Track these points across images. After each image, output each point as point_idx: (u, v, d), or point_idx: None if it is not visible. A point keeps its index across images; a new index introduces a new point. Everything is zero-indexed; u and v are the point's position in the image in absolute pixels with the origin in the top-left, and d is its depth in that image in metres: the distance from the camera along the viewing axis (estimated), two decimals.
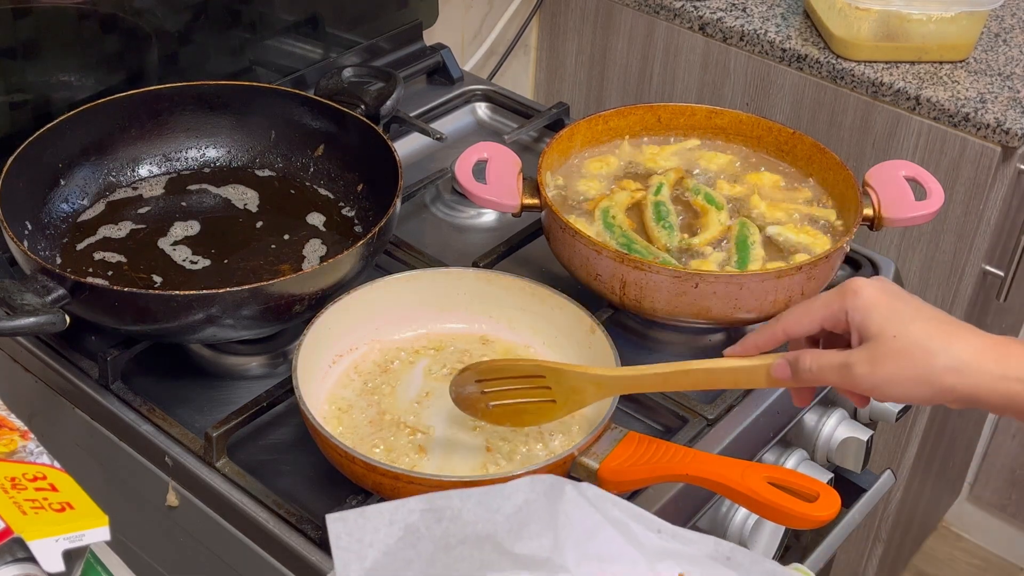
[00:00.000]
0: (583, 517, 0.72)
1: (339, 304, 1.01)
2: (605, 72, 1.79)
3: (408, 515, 0.70)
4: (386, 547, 0.68)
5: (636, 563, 0.72)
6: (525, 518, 0.71)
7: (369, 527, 0.69)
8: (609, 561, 0.72)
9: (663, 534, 0.75)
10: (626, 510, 0.75)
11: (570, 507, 0.72)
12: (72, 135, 1.15)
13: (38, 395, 1.10)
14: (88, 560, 0.74)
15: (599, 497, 0.74)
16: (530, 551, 0.70)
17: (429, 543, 0.69)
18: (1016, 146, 1.44)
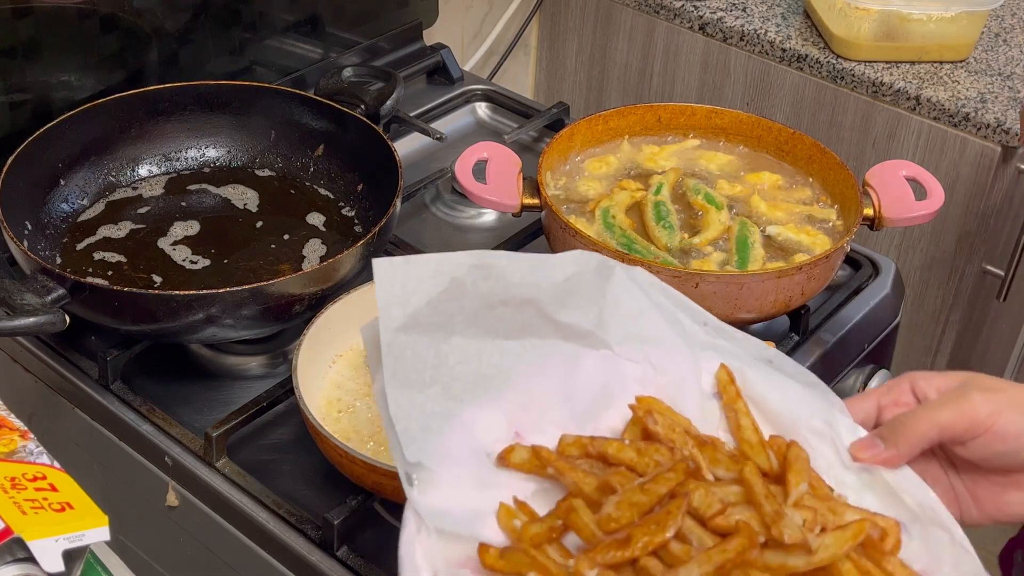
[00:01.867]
0: (630, 299, 0.70)
1: (339, 304, 1.01)
2: (605, 72, 1.79)
3: (455, 268, 0.67)
4: (429, 296, 0.65)
5: (679, 349, 0.71)
6: (572, 288, 0.69)
7: (414, 274, 0.66)
8: (652, 343, 0.70)
9: (708, 327, 0.73)
10: (674, 299, 0.72)
11: (618, 288, 0.70)
12: (72, 135, 1.15)
13: (38, 395, 1.10)
14: (88, 560, 0.74)
15: (649, 283, 0.72)
16: (573, 321, 0.68)
17: (473, 298, 0.66)
18: (1016, 146, 1.44)
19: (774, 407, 0.72)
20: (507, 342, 0.66)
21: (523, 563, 0.61)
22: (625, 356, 0.69)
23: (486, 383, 0.65)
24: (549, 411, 0.67)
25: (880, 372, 1.18)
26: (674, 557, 0.62)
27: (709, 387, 0.72)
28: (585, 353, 0.68)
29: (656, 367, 0.70)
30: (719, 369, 0.72)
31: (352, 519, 0.91)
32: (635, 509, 0.63)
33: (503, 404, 0.65)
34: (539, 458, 0.65)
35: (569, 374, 0.68)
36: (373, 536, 0.94)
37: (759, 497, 0.65)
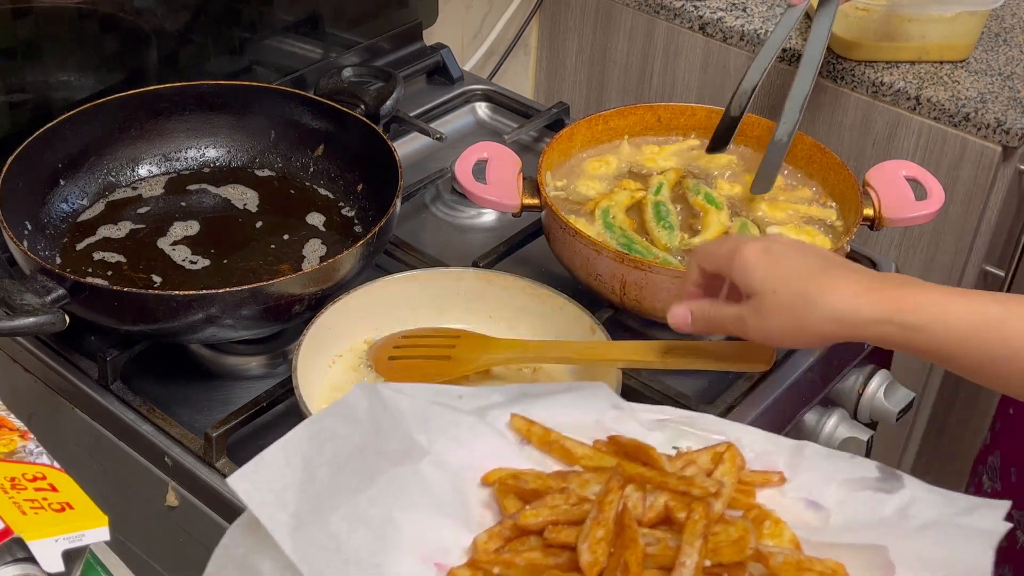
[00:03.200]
0: (405, 406, 0.77)
1: (339, 304, 1.01)
2: (605, 72, 1.79)
3: (299, 448, 0.72)
4: (295, 485, 0.70)
5: (470, 424, 0.77)
6: (374, 420, 0.75)
7: (274, 473, 0.70)
8: (448, 430, 0.76)
9: (464, 398, 0.80)
10: (425, 391, 0.80)
11: (393, 404, 0.77)
12: (72, 135, 1.15)
13: (38, 395, 1.10)
14: (88, 560, 0.74)
15: (402, 389, 0.79)
16: (393, 447, 0.74)
17: (323, 469, 0.71)
18: (1016, 146, 1.44)
19: (568, 422, 0.79)
20: (368, 491, 0.70)
21: None
22: (443, 452, 0.74)
23: (381, 539, 0.69)
24: (440, 531, 0.71)
25: (880, 372, 1.18)
26: (656, 558, 0.67)
27: (516, 443, 0.77)
28: (420, 468, 0.73)
29: (470, 448, 0.76)
30: (511, 419, 0.78)
31: None
32: (602, 543, 0.68)
33: (407, 548, 0.69)
34: (480, 568, 0.69)
35: (425, 491, 0.72)
36: None
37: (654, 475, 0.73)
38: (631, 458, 0.76)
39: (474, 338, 1.00)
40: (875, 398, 1.18)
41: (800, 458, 0.79)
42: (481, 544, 0.70)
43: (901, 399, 1.18)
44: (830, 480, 0.77)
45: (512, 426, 0.78)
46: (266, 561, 0.68)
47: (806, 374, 1.11)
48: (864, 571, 0.70)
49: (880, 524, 0.74)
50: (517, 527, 0.71)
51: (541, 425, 0.78)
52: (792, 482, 0.77)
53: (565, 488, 0.73)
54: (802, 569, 0.69)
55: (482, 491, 0.74)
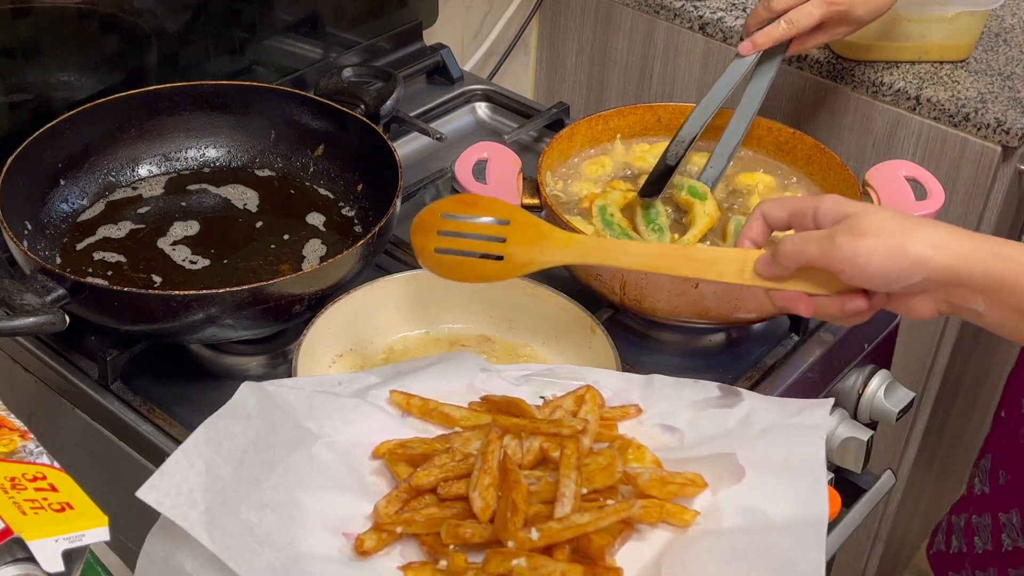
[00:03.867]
0: (294, 399, 0.84)
1: (339, 304, 1.01)
2: (605, 72, 1.79)
3: (197, 449, 0.77)
4: (201, 485, 0.75)
5: (356, 405, 0.84)
6: (266, 415, 0.82)
7: (179, 478, 0.75)
8: (338, 413, 0.83)
9: (343, 384, 0.88)
10: (307, 383, 0.87)
11: (279, 398, 0.83)
12: (72, 135, 1.15)
13: (38, 395, 1.10)
14: (88, 560, 0.74)
15: (284, 383, 0.86)
16: (286, 437, 0.80)
17: (225, 466, 0.77)
18: (1016, 146, 1.44)
19: (443, 390, 0.87)
20: (269, 480, 0.77)
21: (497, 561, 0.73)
22: (333, 433, 0.82)
23: (288, 519, 0.75)
24: (341, 504, 0.78)
25: (880, 372, 1.18)
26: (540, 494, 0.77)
27: (398, 416, 0.85)
28: (314, 451, 0.80)
29: (356, 426, 0.83)
30: (391, 396, 0.86)
31: None
32: (491, 489, 0.76)
33: (313, 523, 0.76)
34: (384, 529, 0.76)
35: (321, 471, 0.79)
36: None
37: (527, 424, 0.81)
38: (505, 412, 0.83)
39: (526, 229, 0.90)
40: (875, 398, 1.18)
41: (651, 390, 0.89)
42: (382, 509, 0.78)
43: (901, 399, 1.18)
44: (679, 405, 0.88)
45: (392, 401, 0.85)
46: (187, 559, 0.74)
47: (806, 374, 1.11)
48: (718, 478, 0.81)
49: (727, 435, 0.84)
50: (412, 488, 0.78)
51: (419, 396, 0.85)
52: (647, 412, 0.87)
53: (450, 448, 0.81)
54: (665, 483, 0.79)
55: (373, 463, 0.82)
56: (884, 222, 0.77)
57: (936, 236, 0.76)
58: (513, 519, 0.73)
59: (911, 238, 0.76)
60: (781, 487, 0.79)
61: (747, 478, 0.79)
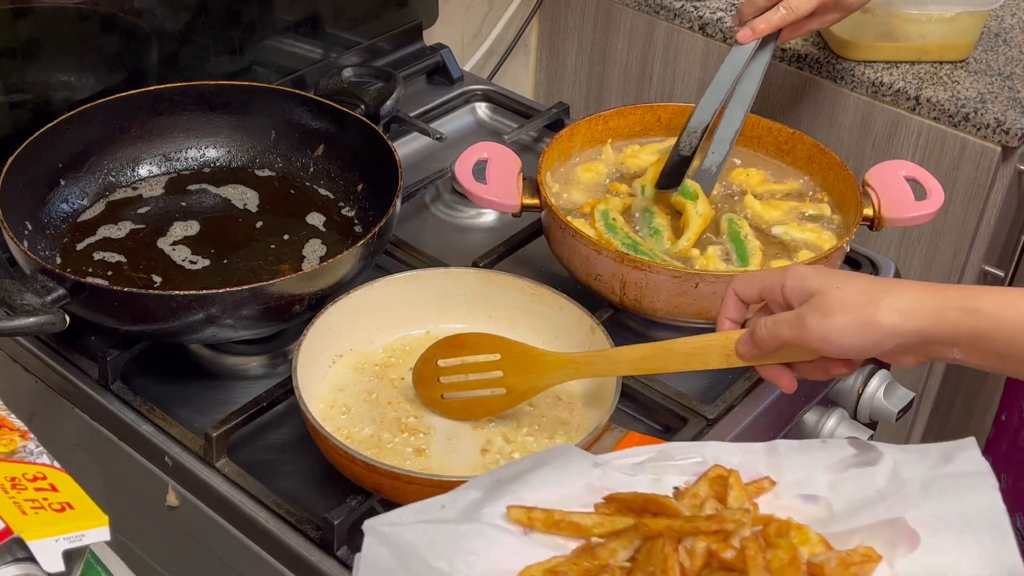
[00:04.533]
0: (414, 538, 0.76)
1: (339, 304, 1.01)
2: (605, 72, 1.79)
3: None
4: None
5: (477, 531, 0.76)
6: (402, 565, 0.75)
7: None
8: (462, 544, 0.76)
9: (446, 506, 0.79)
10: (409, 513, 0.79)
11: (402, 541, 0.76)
12: (72, 135, 1.15)
13: (38, 395, 1.10)
14: (88, 560, 0.74)
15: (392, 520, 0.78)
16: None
17: None
18: (1016, 146, 1.44)
19: (560, 497, 0.78)
20: None
21: None
22: (467, 570, 0.74)
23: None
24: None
25: (880, 372, 1.18)
26: None
27: (519, 533, 0.77)
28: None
29: (487, 555, 0.75)
30: (508, 512, 0.77)
31: (352, 519, 0.91)
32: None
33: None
34: None
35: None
36: None
37: (683, 523, 0.73)
38: (642, 512, 0.76)
39: (517, 359, 0.96)
40: (875, 398, 1.18)
41: (778, 458, 0.80)
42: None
43: (901, 399, 1.18)
44: (814, 470, 0.79)
45: (511, 518, 0.77)
46: None
47: None
48: (890, 547, 0.72)
49: (883, 498, 0.75)
50: None
51: (540, 508, 0.77)
52: (781, 483, 0.79)
53: (605, 567, 0.73)
54: (847, 565, 0.71)
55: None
56: (849, 296, 0.78)
57: (902, 302, 0.77)
58: None
59: (879, 309, 0.77)
60: (964, 547, 0.72)
61: (924, 542, 0.72)
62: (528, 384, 0.96)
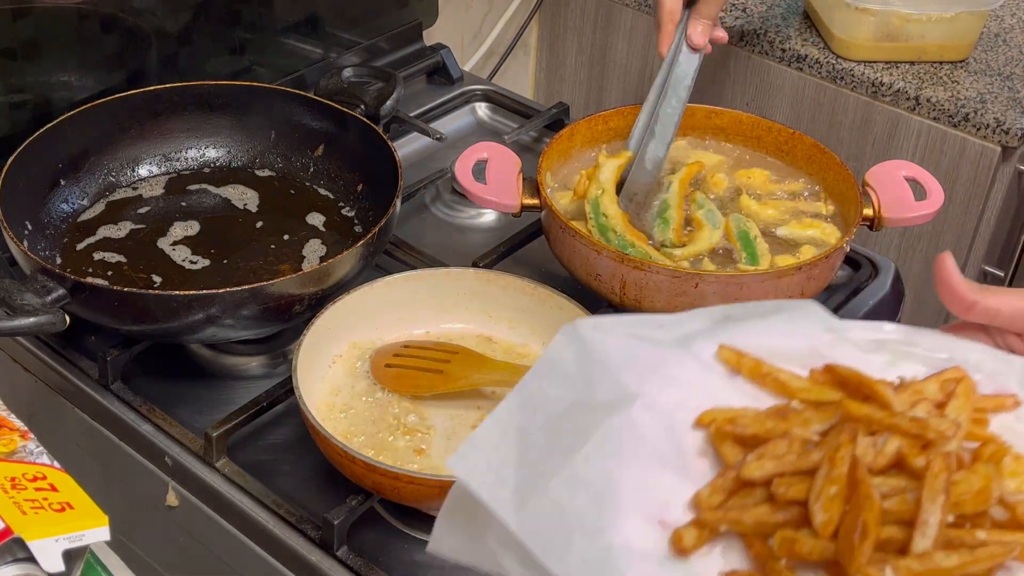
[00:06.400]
0: (610, 347, 0.73)
1: (339, 304, 1.01)
2: (605, 72, 1.79)
3: (512, 419, 0.69)
4: (513, 460, 0.68)
5: (679, 359, 0.74)
6: (581, 371, 0.72)
7: (490, 450, 0.68)
8: (658, 368, 0.73)
9: (665, 327, 0.76)
10: (625, 324, 0.75)
11: (596, 345, 0.73)
12: (72, 135, 1.15)
13: (38, 395, 1.10)
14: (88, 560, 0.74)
15: (601, 326, 0.75)
16: (604, 397, 0.71)
17: (538, 435, 0.69)
18: (1016, 146, 1.44)
19: (780, 349, 0.75)
20: (584, 449, 0.68)
21: None
22: (653, 393, 0.72)
23: (601, 499, 0.67)
24: (660, 485, 0.69)
25: None
26: (894, 513, 0.65)
27: (725, 375, 0.73)
28: (632, 415, 0.71)
29: (680, 385, 0.73)
30: (718, 351, 0.73)
31: (352, 519, 0.91)
32: (836, 501, 0.65)
33: (629, 506, 0.67)
34: (706, 526, 0.67)
35: (639, 441, 0.70)
36: (373, 536, 0.94)
37: (884, 417, 0.68)
38: (853, 392, 0.71)
39: (470, 356, 1.01)
40: None
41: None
42: (704, 500, 0.68)
43: None
44: None
45: (720, 357, 0.74)
46: (492, 526, 0.66)
47: None
48: None
49: None
50: (740, 479, 0.68)
51: (752, 356, 0.73)
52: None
53: (788, 433, 0.69)
54: None
55: (696, 435, 0.72)
56: None
57: None
58: (861, 546, 0.63)
59: None
60: None
61: None
62: (464, 375, 0.99)
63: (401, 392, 1.00)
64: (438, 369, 0.99)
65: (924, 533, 0.63)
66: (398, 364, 1.01)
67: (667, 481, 0.68)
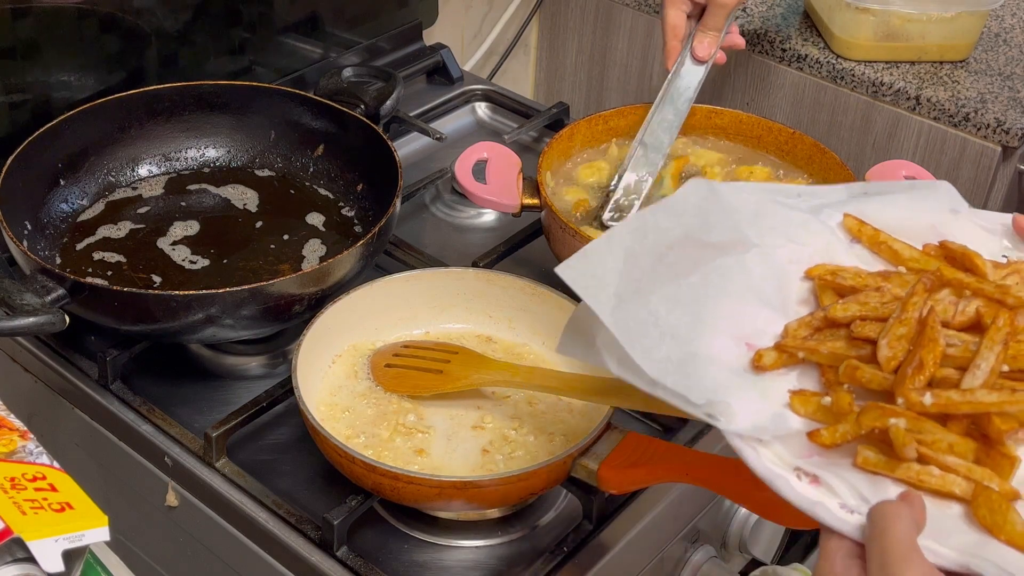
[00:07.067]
0: (742, 202, 0.79)
1: (339, 304, 1.01)
2: (605, 72, 1.79)
3: (622, 240, 0.74)
4: (616, 271, 0.73)
5: (805, 222, 0.80)
6: (703, 213, 0.78)
7: (595, 261, 0.73)
8: (783, 227, 0.79)
9: (803, 196, 0.82)
10: (765, 189, 0.82)
11: (729, 198, 0.79)
12: (72, 135, 1.15)
13: (38, 395, 1.10)
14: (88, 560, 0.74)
15: (740, 188, 0.81)
16: (721, 239, 0.77)
17: (645, 258, 0.74)
18: (1016, 146, 1.44)
19: (902, 223, 0.80)
20: (689, 279, 0.74)
21: (876, 415, 0.67)
22: (772, 246, 0.78)
23: (697, 319, 0.73)
24: (756, 317, 0.75)
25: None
26: (956, 359, 0.69)
27: (846, 241, 0.80)
28: (746, 259, 0.77)
29: (800, 243, 0.79)
30: (843, 219, 0.80)
31: (352, 519, 0.91)
32: (902, 340, 0.70)
33: (722, 328, 0.73)
34: (786, 350, 0.72)
35: (747, 281, 0.76)
36: (373, 536, 0.94)
37: (971, 282, 0.73)
38: (955, 264, 0.76)
39: (470, 356, 1.01)
40: None
41: None
42: (791, 330, 0.74)
43: None
44: None
45: (845, 225, 0.80)
46: (599, 333, 0.72)
47: None
48: None
49: None
50: (827, 319, 0.73)
51: (872, 226, 0.79)
52: None
53: (881, 287, 0.75)
54: None
55: (803, 286, 0.77)
56: None
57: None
58: (915, 377, 0.68)
59: None
60: None
61: None
62: (464, 375, 0.98)
63: (401, 392, 0.99)
64: (438, 369, 0.99)
65: (975, 374, 0.67)
66: (398, 364, 1.01)
67: (763, 316, 0.75)
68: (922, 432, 0.66)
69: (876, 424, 0.66)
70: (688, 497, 1.00)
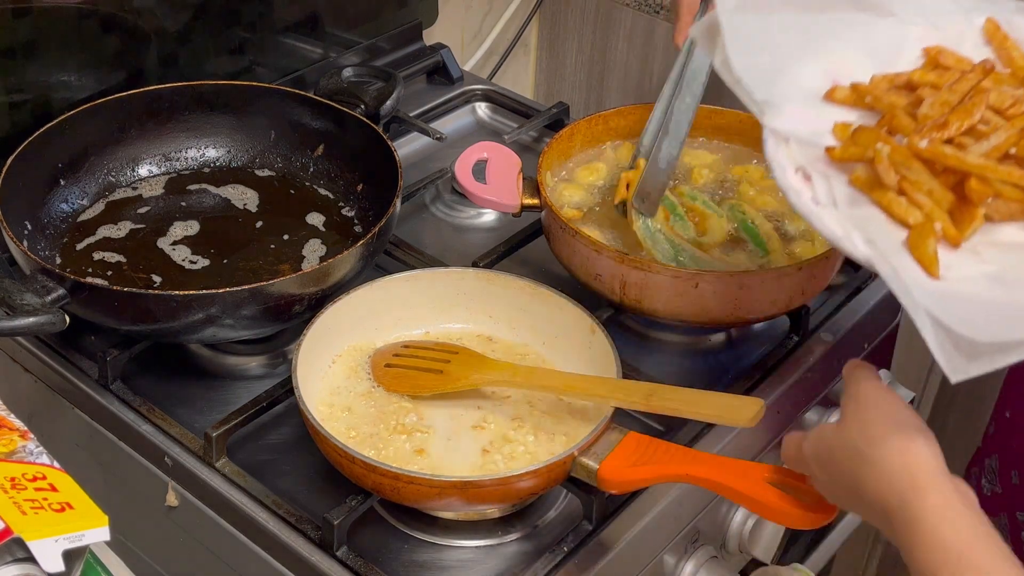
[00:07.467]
0: None
1: (339, 304, 1.01)
2: (605, 72, 1.79)
3: None
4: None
5: (952, 11, 0.85)
6: None
7: None
8: (929, 9, 0.85)
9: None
10: None
11: None
12: (72, 135, 1.15)
13: (38, 395, 1.10)
14: (88, 560, 0.74)
15: None
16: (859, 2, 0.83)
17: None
18: None
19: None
20: (816, 16, 0.81)
21: (870, 138, 0.74)
22: (909, 21, 0.83)
23: (805, 46, 0.80)
24: (857, 65, 0.81)
25: (880, 372, 1.18)
26: (981, 133, 0.74)
27: (982, 41, 0.84)
28: (877, 20, 0.83)
29: (936, 27, 0.84)
30: (986, 22, 0.84)
31: (352, 519, 0.91)
32: (946, 106, 0.75)
33: (821, 61, 0.80)
34: (857, 92, 0.79)
35: (867, 36, 0.82)
36: (373, 536, 0.94)
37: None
38: None
39: (470, 356, 1.01)
40: None
41: None
42: (875, 80, 0.80)
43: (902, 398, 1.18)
44: None
45: (984, 27, 0.84)
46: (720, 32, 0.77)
47: (806, 374, 1.11)
48: None
49: None
50: (908, 81, 0.80)
51: (1004, 33, 0.83)
52: None
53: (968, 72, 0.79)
54: None
55: (918, 60, 0.82)
56: None
57: None
58: (931, 130, 0.73)
59: None
60: None
61: None
62: (464, 375, 0.98)
63: (401, 392, 1.00)
64: (438, 369, 0.99)
65: (982, 144, 0.73)
66: (398, 364, 1.01)
67: (865, 65, 0.82)
68: (910, 170, 0.73)
69: (867, 143, 0.74)
70: (688, 497, 1.00)
